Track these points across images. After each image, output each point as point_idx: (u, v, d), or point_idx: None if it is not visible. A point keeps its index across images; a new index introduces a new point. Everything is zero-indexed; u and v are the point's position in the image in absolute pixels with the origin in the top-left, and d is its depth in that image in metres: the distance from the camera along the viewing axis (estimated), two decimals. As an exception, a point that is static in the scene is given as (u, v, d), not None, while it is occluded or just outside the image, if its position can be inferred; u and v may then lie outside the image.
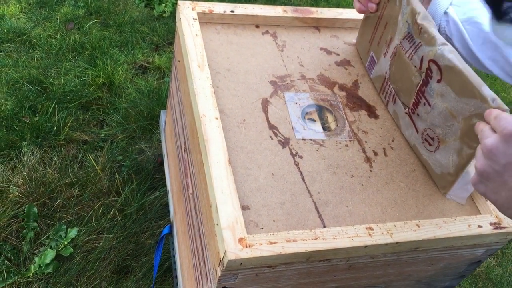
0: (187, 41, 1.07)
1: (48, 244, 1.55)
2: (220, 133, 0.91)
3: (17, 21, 2.26)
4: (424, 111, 0.97)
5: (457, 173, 0.92)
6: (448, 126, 0.90)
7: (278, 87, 1.10)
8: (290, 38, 1.22)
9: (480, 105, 0.81)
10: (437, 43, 0.90)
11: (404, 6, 1.00)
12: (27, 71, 2.03)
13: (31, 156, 1.74)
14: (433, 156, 0.97)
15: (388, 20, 1.07)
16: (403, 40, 1.00)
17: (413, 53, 0.97)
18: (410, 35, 0.98)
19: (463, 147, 0.88)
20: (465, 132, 0.87)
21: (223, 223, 0.79)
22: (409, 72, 0.99)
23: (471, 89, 0.83)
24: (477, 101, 0.82)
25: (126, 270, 1.56)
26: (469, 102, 0.84)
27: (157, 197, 1.72)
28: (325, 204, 0.91)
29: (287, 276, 0.87)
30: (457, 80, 0.86)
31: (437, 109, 0.92)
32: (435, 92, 0.92)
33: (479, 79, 0.83)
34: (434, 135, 0.95)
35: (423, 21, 0.94)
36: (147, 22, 2.46)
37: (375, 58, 1.14)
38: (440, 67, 0.89)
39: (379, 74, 1.12)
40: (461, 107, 0.86)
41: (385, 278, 1.00)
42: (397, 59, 1.04)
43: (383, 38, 1.10)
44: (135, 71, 2.19)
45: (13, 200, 1.62)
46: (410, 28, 0.98)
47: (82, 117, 1.93)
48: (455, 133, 0.89)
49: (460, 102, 0.86)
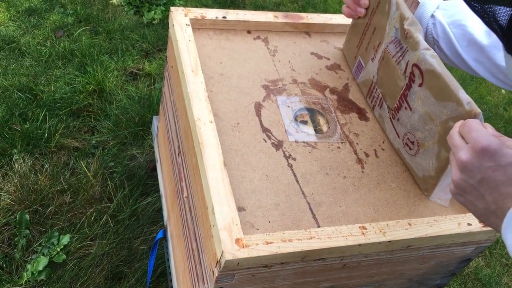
0: (181, 46, 1.09)
1: (40, 251, 1.55)
2: (215, 136, 0.93)
3: (6, 29, 2.26)
4: (405, 116, 0.99)
5: (438, 176, 0.94)
6: (427, 130, 0.93)
7: (270, 91, 1.11)
8: (281, 43, 1.24)
9: (456, 108, 0.84)
10: (420, 48, 0.93)
11: (393, 12, 1.02)
12: (17, 79, 2.03)
13: (22, 164, 1.73)
14: (414, 160, 1.00)
15: (377, 25, 1.09)
16: (390, 44, 1.03)
17: (401, 57, 0.99)
18: (398, 40, 1.00)
19: (441, 150, 0.91)
20: (442, 135, 0.89)
21: (220, 224, 0.80)
22: (395, 76, 1.01)
23: (449, 93, 0.86)
24: (453, 104, 0.85)
25: (119, 276, 1.56)
26: (447, 105, 0.86)
27: (149, 202, 1.73)
28: (319, 204, 0.92)
29: (282, 276, 0.88)
30: (436, 83, 0.89)
31: (417, 113, 0.95)
32: (416, 96, 0.94)
33: (457, 83, 0.86)
34: (414, 139, 0.98)
35: (410, 27, 0.97)
36: (137, 29, 2.47)
37: (362, 63, 1.16)
38: (422, 71, 0.92)
39: (366, 78, 1.15)
40: (439, 111, 0.89)
41: (379, 277, 1.02)
42: (384, 63, 1.06)
43: (371, 43, 1.12)
44: (126, 77, 2.20)
45: (4, 208, 1.61)
46: (398, 33, 1.00)
47: (73, 124, 1.93)
48: (433, 137, 0.92)
49: (438, 105, 0.89)
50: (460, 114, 0.84)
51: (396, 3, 1.01)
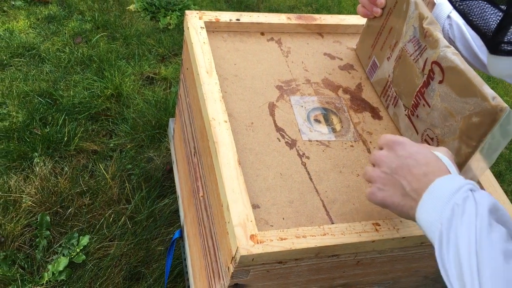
0: (195, 48, 1.11)
1: (60, 252, 1.58)
2: (230, 136, 0.95)
3: (26, 36, 2.31)
4: (424, 112, 1.00)
5: None
6: (447, 126, 0.93)
7: (284, 91, 1.13)
8: (294, 44, 1.26)
9: (481, 103, 0.84)
10: (440, 46, 0.93)
11: (411, 11, 1.03)
12: (37, 84, 2.08)
13: (42, 167, 1.78)
14: None
15: (394, 25, 1.10)
16: (408, 43, 1.04)
17: (419, 56, 1.00)
18: (416, 39, 1.01)
19: (462, 146, 0.91)
20: (464, 131, 0.89)
21: (235, 220, 0.81)
22: (413, 74, 1.02)
23: (472, 88, 0.86)
24: (477, 99, 0.85)
25: (138, 277, 1.59)
26: (470, 101, 0.86)
27: (166, 204, 1.75)
28: (333, 202, 0.93)
29: (297, 272, 0.89)
30: (458, 80, 0.89)
31: (437, 109, 0.95)
32: (435, 93, 0.95)
33: (481, 79, 0.86)
34: (433, 135, 0.98)
35: (429, 25, 0.97)
36: (153, 34, 2.51)
37: (377, 63, 1.17)
38: (443, 68, 0.92)
39: (381, 77, 1.15)
40: (461, 107, 0.89)
41: (393, 274, 1.03)
42: (401, 62, 1.07)
43: (387, 43, 1.13)
44: (142, 82, 2.23)
45: (26, 210, 1.65)
46: (417, 32, 1.01)
47: (91, 128, 1.97)
48: (453, 133, 0.92)
49: (460, 101, 0.89)
50: (485, 109, 0.83)
51: (415, 3, 1.02)
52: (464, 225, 0.62)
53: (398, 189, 0.74)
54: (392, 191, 0.75)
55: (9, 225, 1.59)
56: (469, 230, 0.61)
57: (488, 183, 1.02)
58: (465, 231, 0.62)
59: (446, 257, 0.63)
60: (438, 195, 0.67)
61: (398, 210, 0.75)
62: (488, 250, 0.59)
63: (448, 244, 0.63)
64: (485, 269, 0.58)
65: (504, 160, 2.46)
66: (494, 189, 1.02)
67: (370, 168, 0.79)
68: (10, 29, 2.33)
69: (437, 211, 0.66)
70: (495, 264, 0.58)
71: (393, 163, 0.75)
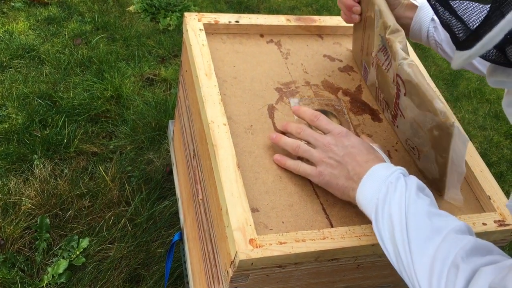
0: (194, 51, 1.10)
1: (60, 254, 1.58)
2: (229, 139, 0.94)
3: (26, 38, 2.31)
4: (401, 123, 0.99)
5: (442, 178, 0.93)
6: (421, 137, 0.92)
7: (283, 93, 1.13)
8: (294, 46, 1.25)
9: (434, 118, 0.83)
10: (398, 58, 0.89)
11: (377, 20, 0.98)
12: (37, 86, 2.08)
13: (42, 169, 1.77)
14: (420, 163, 0.99)
15: (370, 32, 1.06)
16: (378, 53, 1.01)
17: (389, 66, 0.97)
18: (384, 48, 0.97)
19: (437, 156, 0.90)
20: (433, 142, 0.88)
21: (234, 224, 0.81)
22: (388, 83, 1.00)
23: (427, 103, 0.84)
24: (431, 114, 0.83)
25: (138, 279, 1.58)
26: (427, 114, 0.85)
27: (166, 206, 1.75)
28: (333, 205, 0.93)
29: (297, 276, 0.89)
30: (415, 93, 0.87)
31: (408, 120, 0.94)
32: (404, 104, 0.94)
33: (433, 93, 0.83)
34: (413, 145, 0.97)
35: (391, 35, 0.93)
36: (153, 36, 2.50)
37: (367, 67, 1.16)
38: (403, 81, 0.90)
39: (372, 82, 1.14)
40: (423, 120, 0.87)
41: (393, 277, 1.02)
42: (378, 70, 1.05)
43: (369, 49, 1.09)
44: (142, 83, 2.23)
45: (25, 212, 1.65)
46: (384, 41, 0.97)
47: (91, 130, 1.96)
48: (427, 144, 0.91)
49: (421, 115, 0.87)
50: (439, 123, 0.82)
51: (379, 10, 0.97)
52: (396, 197, 0.76)
53: (344, 173, 0.85)
54: (338, 174, 0.86)
55: (9, 227, 1.59)
56: (400, 199, 0.75)
57: (489, 185, 1.01)
58: (397, 200, 0.75)
59: (381, 224, 0.76)
60: (376, 177, 0.80)
61: (340, 191, 0.87)
62: (414, 211, 0.73)
63: (383, 213, 0.76)
64: (411, 225, 0.72)
65: (506, 161, 2.45)
66: (494, 191, 1.01)
67: (315, 151, 0.90)
68: (9, 31, 2.32)
69: (374, 189, 0.79)
70: (420, 221, 0.72)
71: (340, 152, 0.87)
